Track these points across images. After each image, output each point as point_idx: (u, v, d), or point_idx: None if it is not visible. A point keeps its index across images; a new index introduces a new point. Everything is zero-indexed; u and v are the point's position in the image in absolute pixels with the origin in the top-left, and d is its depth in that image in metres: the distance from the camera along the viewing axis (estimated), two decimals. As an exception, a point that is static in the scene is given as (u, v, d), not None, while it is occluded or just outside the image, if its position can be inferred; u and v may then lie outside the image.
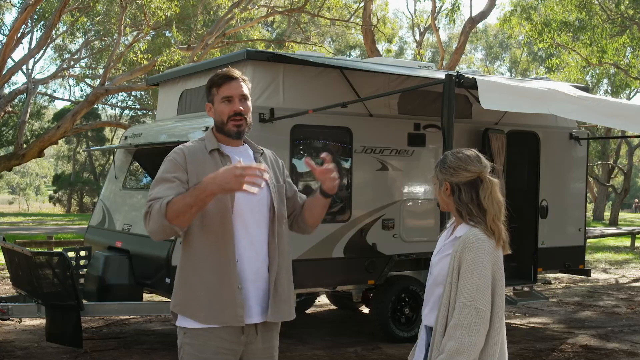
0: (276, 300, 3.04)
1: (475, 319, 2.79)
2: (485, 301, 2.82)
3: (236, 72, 3.07)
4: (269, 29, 34.49)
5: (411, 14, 30.84)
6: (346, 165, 7.47)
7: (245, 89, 3.07)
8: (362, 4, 19.55)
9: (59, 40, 25.22)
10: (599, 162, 35.69)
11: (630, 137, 13.31)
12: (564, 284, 12.68)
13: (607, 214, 38.28)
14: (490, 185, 2.92)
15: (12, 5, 23.38)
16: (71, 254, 7.93)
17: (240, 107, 3.03)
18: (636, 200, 61.83)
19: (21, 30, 15.26)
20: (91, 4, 18.06)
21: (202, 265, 2.93)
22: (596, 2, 19.66)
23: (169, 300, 7.24)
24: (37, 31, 21.07)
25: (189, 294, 2.95)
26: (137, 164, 8.54)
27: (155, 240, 2.93)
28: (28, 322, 8.34)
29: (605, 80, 28.52)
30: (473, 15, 19.73)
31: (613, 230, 23.72)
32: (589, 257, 16.86)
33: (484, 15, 19.77)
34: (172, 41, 21.64)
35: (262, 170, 2.70)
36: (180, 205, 2.74)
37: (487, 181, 2.92)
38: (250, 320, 2.97)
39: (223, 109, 3.03)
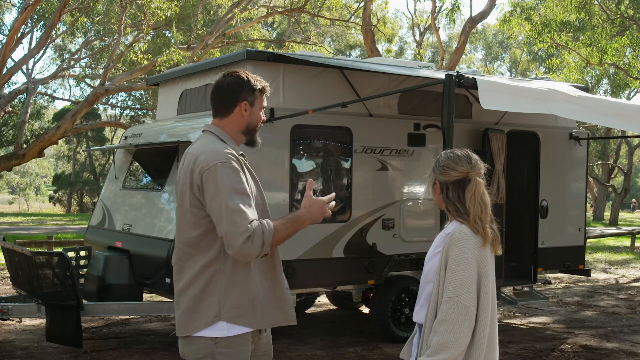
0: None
1: (459, 315, 2.81)
2: (470, 297, 2.83)
3: None
4: (269, 29, 34.50)
5: (411, 14, 30.85)
6: (346, 165, 7.47)
7: None
8: (362, 4, 19.55)
9: (59, 40, 25.21)
10: (599, 162, 35.69)
11: (630, 137, 13.31)
12: (564, 284, 12.68)
13: (607, 214, 38.29)
14: (475, 186, 2.95)
15: (12, 5, 23.38)
16: (71, 254, 7.93)
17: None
18: (634, 200, 61.77)
19: (21, 30, 15.24)
20: (91, 4, 18.06)
21: (256, 271, 2.98)
22: (596, 2, 19.65)
23: (169, 300, 7.26)
24: (37, 31, 21.05)
25: (245, 301, 2.94)
26: (137, 164, 8.55)
27: (242, 260, 2.91)
28: (28, 322, 8.34)
29: (605, 80, 28.51)
30: (473, 15, 19.75)
31: (613, 230, 23.71)
32: (589, 257, 16.86)
33: (484, 15, 19.78)
34: (172, 41, 21.64)
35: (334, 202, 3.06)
36: (283, 236, 2.93)
37: (474, 182, 2.96)
38: None
39: (259, 117, 3.14)
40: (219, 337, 2.91)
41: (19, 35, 15.09)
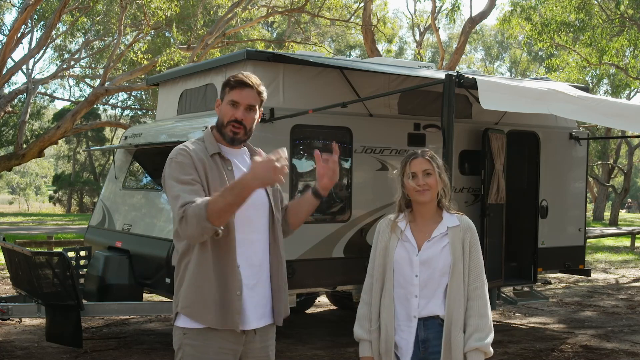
0: (280, 304, 3.09)
1: (487, 295, 3.09)
2: None
3: (253, 80, 3.02)
4: (269, 29, 34.50)
5: (411, 14, 30.87)
6: (346, 165, 7.47)
7: (256, 99, 3.03)
8: (362, 4, 19.54)
9: (58, 40, 25.21)
10: (599, 162, 35.69)
11: (630, 137, 13.32)
12: (564, 284, 12.68)
13: (607, 214, 38.29)
14: None
15: (12, 5, 23.37)
16: (71, 254, 7.93)
17: (242, 116, 3.01)
18: (629, 200, 61.80)
19: (21, 30, 15.25)
20: (91, 4, 18.06)
21: (209, 269, 2.92)
22: (595, 1, 19.64)
23: (169, 300, 7.26)
24: (37, 31, 21.06)
25: (198, 296, 2.92)
26: (137, 164, 8.55)
27: (193, 243, 2.91)
28: (28, 322, 8.34)
29: (605, 80, 28.51)
30: (473, 15, 19.75)
31: (613, 230, 23.72)
32: (588, 257, 16.86)
33: (484, 15, 19.78)
34: (172, 41, 21.64)
35: (285, 159, 2.73)
36: (221, 205, 2.73)
37: None
38: (249, 327, 2.99)
39: (227, 112, 3.02)
40: (187, 329, 2.95)
41: (19, 35, 15.10)
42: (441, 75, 6.39)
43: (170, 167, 2.97)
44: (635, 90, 27.25)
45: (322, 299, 10.20)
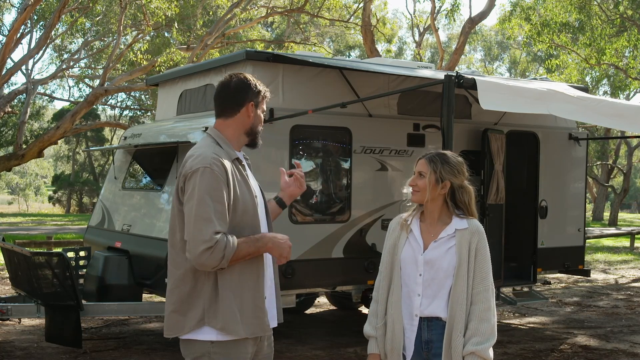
0: (279, 302, 3.18)
1: (494, 300, 3.08)
2: None
3: None
4: (269, 29, 34.50)
5: (410, 15, 30.86)
6: (345, 165, 7.48)
7: None
8: (361, 5, 19.55)
9: (58, 41, 25.19)
10: (598, 163, 35.70)
11: (629, 137, 13.33)
12: (563, 285, 12.68)
13: (606, 214, 38.28)
14: (471, 190, 3.22)
15: (11, 5, 23.36)
16: (71, 254, 7.92)
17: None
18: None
19: (21, 31, 15.24)
20: (90, 5, 18.05)
21: (239, 279, 2.94)
22: (595, 2, 19.65)
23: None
24: (36, 31, 21.05)
25: (233, 312, 2.92)
26: (136, 164, 8.54)
27: (199, 269, 2.94)
28: (28, 322, 8.34)
29: (604, 81, 28.51)
30: (472, 15, 19.76)
31: (612, 230, 23.71)
32: (588, 257, 16.86)
33: (483, 15, 19.79)
34: (172, 41, 21.64)
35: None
36: (243, 254, 2.91)
37: (469, 187, 3.21)
38: (271, 326, 3.08)
39: (261, 119, 3.17)
40: (214, 340, 2.93)
41: (18, 35, 15.10)
42: (441, 75, 6.39)
43: (205, 177, 2.87)
44: (635, 90, 27.27)
45: (322, 299, 10.21)
